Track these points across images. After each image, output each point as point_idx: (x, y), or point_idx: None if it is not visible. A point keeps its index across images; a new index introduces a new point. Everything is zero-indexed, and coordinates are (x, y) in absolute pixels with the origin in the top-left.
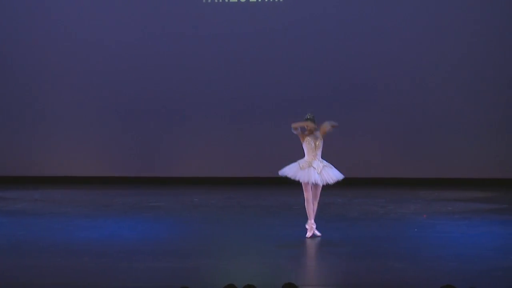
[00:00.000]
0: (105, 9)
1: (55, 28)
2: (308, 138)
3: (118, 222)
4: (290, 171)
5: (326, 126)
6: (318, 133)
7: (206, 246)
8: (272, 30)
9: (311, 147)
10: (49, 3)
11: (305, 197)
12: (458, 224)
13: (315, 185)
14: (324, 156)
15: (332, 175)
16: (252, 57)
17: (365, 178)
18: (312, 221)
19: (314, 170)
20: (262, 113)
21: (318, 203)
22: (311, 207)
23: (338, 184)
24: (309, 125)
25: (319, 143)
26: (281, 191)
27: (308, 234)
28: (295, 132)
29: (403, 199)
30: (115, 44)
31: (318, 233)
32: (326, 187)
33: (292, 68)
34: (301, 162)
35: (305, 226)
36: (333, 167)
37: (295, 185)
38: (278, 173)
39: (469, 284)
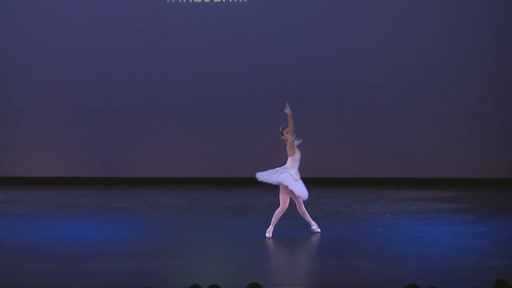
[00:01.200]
0: (68, 8)
1: (21, 27)
2: (297, 150)
3: (82, 223)
4: (289, 180)
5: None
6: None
7: (171, 247)
8: (236, 29)
9: (297, 159)
10: (13, 1)
11: (283, 208)
12: (422, 224)
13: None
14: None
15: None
16: (217, 57)
17: (330, 178)
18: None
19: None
20: (228, 113)
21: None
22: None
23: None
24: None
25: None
26: (246, 191)
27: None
28: (296, 142)
29: (367, 199)
30: (79, 43)
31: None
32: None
33: (257, 68)
34: (292, 173)
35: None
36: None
37: (259, 186)
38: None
39: (433, 283)
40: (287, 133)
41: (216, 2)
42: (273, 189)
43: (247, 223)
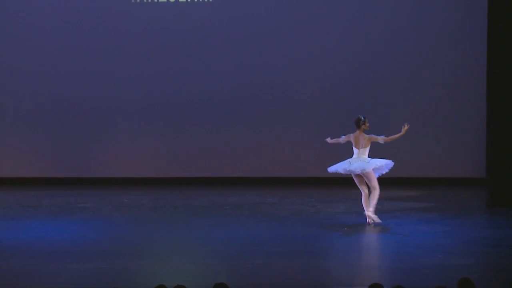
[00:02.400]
0: (30, 8)
1: None
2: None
3: (47, 223)
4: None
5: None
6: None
7: (136, 247)
8: (201, 29)
9: (355, 144)
10: None
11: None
12: (387, 223)
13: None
14: (254, 155)
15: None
16: (181, 57)
17: (295, 178)
18: (368, 212)
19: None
20: (193, 112)
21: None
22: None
23: (268, 183)
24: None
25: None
26: (212, 191)
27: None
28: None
29: (333, 199)
30: (45, 42)
31: (378, 220)
32: (259, 187)
33: (224, 67)
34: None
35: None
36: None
37: (225, 186)
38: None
39: (397, 282)
40: (367, 125)
41: (181, 2)
42: (239, 189)
43: (213, 223)
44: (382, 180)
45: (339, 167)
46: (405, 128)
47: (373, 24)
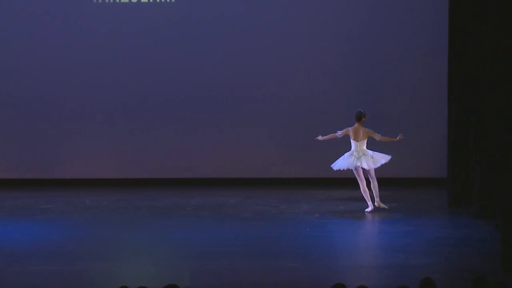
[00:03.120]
0: None
1: None
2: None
3: (7, 225)
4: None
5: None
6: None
7: (98, 249)
8: (164, 30)
9: (353, 138)
10: None
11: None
12: (349, 223)
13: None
14: (216, 156)
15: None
16: (142, 58)
17: (258, 179)
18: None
19: (353, 157)
20: (153, 114)
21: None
22: (366, 192)
23: (231, 184)
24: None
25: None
26: (174, 192)
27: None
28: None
29: (295, 199)
30: (6, 42)
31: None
32: (222, 188)
33: (183, 69)
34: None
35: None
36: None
37: (187, 187)
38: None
39: (360, 282)
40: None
41: (143, 2)
42: (201, 190)
43: (175, 224)
44: (345, 182)
45: (345, 164)
46: (399, 137)
47: (333, 24)
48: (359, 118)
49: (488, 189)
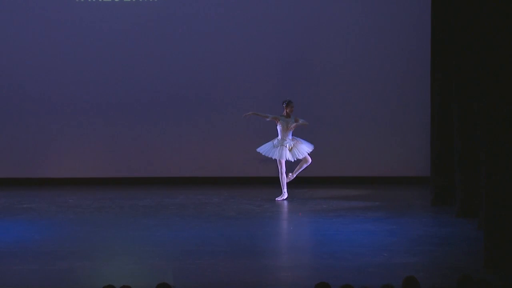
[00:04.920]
0: None
1: None
2: (281, 120)
3: None
4: (264, 149)
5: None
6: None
7: (81, 248)
8: (146, 29)
9: (284, 128)
10: None
11: (280, 170)
12: (332, 222)
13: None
14: (199, 155)
15: (302, 150)
16: (125, 56)
17: (242, 177)
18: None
19: (285, 148)
20: (136, 113)
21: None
22: (286, 180)
23: (214, 183)
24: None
25: (291, 125)
26: (157, 191)
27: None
28: (268, 119)
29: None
30: None
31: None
32: (205, 187)
33: (167, 67)
34: (274, 141)
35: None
36: (303, 142)
37: (170, 186)
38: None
39: (343, 281)
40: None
41: (126, 1)
42: (184, 189)
43: (158, 223)
44: (327, 180)
45: (276, 154)
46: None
47: (316, 20)
48: (289, 106)
49: (470, 188)
